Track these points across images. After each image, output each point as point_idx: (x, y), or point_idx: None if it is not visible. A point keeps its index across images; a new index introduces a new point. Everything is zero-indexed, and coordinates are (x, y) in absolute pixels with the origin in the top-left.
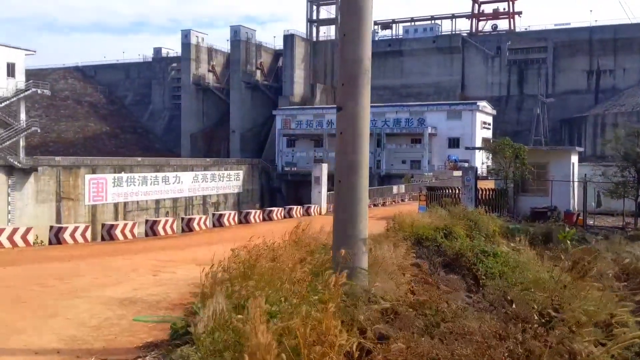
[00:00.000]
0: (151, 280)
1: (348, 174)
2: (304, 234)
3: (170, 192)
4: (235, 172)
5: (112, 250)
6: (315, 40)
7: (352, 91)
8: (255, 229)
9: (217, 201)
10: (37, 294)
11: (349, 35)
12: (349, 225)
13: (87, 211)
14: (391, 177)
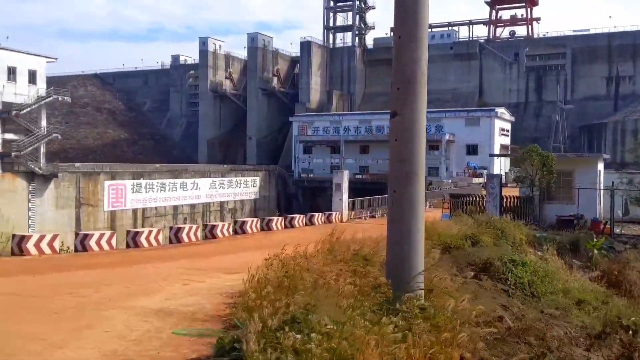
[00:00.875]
0: (182, 289)
1: (403, 185)
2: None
3: (188, 198)
4: (252, 179)
5: (138, 258)
6: (331, 47)
7: (408, 96)
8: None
9: (234, 207)
10: (70, 304)
11: (404, 37)
12: (404, 238)
13: (107, 217)
14: None
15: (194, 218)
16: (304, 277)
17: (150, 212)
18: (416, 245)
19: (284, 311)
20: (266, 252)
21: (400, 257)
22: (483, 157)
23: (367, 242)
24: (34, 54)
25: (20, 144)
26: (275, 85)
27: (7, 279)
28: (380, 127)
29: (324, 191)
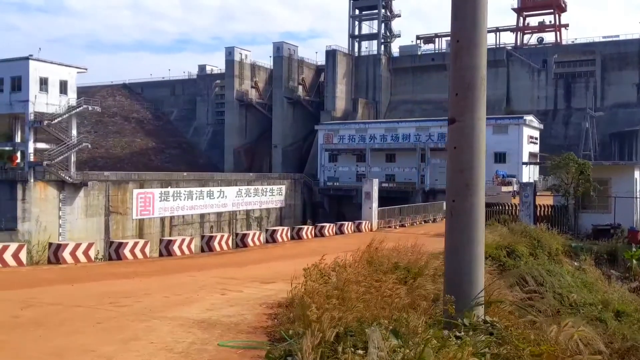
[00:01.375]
0: (221, 299)
1: (463, 195)
2: (376, 252)
3: (214, 206)
4: (277, 187)
5: (173, 267)
6: (357, 55)
7: (467, 102)
8: (309, 245)
9: (260, 216)
10: (112, 315)
11: (463, 41)
12: (464, 250)
13: (135, 225)
14: (436, 192)
15: (220, 226)
16: (352, 288)
17: (178, 220)
18: (477, 258)
19: (335, 324)
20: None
21: (460, 270)
22: (511, 166)
23: (407, 252)
24: (65, 65)
25: (51, 153)
26: (300, 94)
27: (48, 288)
28: (407, 135)
29: (349, 199)
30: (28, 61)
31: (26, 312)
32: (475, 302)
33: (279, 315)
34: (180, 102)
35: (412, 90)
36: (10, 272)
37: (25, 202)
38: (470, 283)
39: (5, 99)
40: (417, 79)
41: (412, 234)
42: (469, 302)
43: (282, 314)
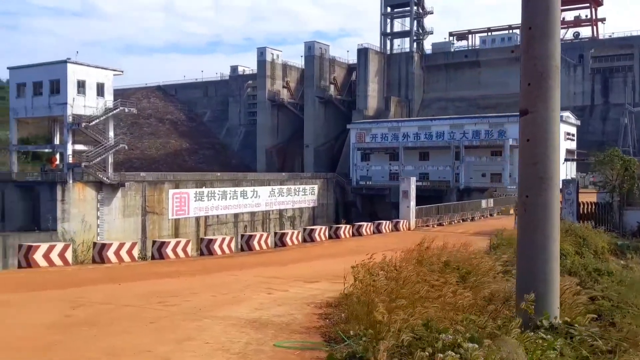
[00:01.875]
0: (268, 298)
1: (537, 190)
2: (428, 251)
3: (248, 206)
4: (310, 187)
5: (215, 266)
6: (389, 53)
7: (541, 92)
8: (347, 244)
9: (293, 215)
10: (162, 314)
11: (535, 29)
12: (539, 248)
13: (171, 225)
14: (470, 190)
15: (254, 226)
16: (413, 288)
17: (212, 220)
18: (552, 256)
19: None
20: (339, 261)
21: (533, 269)
22: None
23: (454, 251)
24: (101, 67)
25: (89, 155)
26: (332, 93)
27: (96, 288)
28: (441, 133)
29: (382, 198)
30: (66, 64)
31: (77, 311)
32: (549, 302)
33: (330, 315)
34: (213, 103)
35: (445, 87)
36: (57, 272)
37: (64, 202)
38: (545, 283)
39: (44, 102)
40: (450, 76)
41: (450, 232)
42: (547, 303)
43: (332, 313)
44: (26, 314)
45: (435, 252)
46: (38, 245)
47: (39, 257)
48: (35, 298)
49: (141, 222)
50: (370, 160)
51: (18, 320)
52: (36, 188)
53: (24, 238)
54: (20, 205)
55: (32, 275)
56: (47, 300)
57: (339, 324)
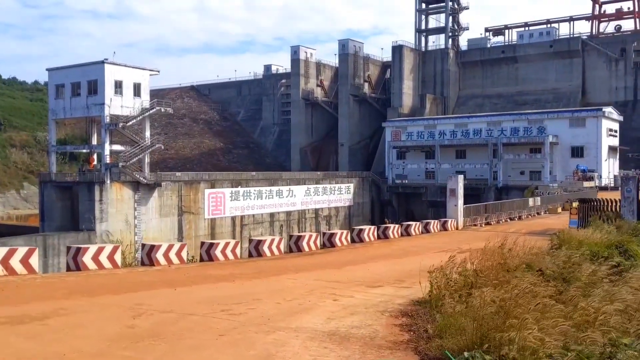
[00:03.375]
0: (337, 306)
1: None
2: (511, 254)
3: (283, 205)
4: (345, 186)
5: (268, 269)
6: (424, 50)
7: None
8: (398, 245)
9: (329, 214)
10: (231, 324)
11: None
12: None
13: (207, 225)
14: (509, 189)
15: (290, 225)
16: (523, 300)
17: (248, 219)
18: None
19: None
20: (395, 263)
21: None
22: (589, 160)
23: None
24: (138, 68)
25: (126, 155)
26: (366, 91)
27: (153, 293)
28: (478, 130)
29: (418, 197)
30: (104, 65)
31: (140, 321)
32: None
33: (413, 327)
34: (247, 102)
35: (482, 84)
36: (108, 275)
37: (102, 202)
38: None
39: (82, 103)
40: (486, 73)
41: (502, 232)
42: None
43: (414, 325)
44: (86, 324)
45: (519, 253)
46: (87, 247)
47: (87, 259)
48: (92, 305)
49: (177, 222)
50: (406, 159)
51: (80, 332)
52: (75, 188)
53: (63, 238)
54: (59, 205)
55: (82, 279)
56: (105, 307)
57: (430, 338)
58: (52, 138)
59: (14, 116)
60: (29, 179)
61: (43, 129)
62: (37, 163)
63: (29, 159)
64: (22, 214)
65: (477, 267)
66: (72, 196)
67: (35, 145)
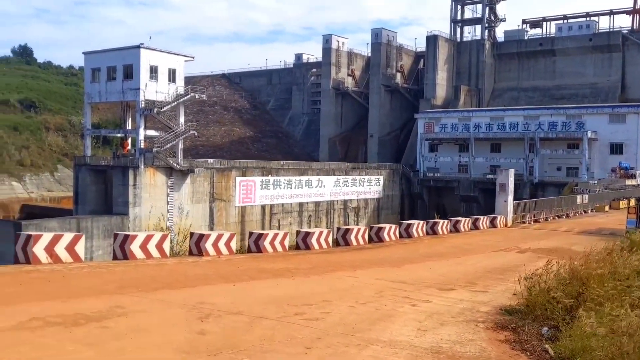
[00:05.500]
0: (418, 313)
1: None
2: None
3: (312, 195)
4: (375, 177)
5: (323, 263)
6: (459, 41)
7: None
8: (449, 242)
9: (358, 206)
10: (313, 334)
11: None
12: None
13: (237, 212)
14: (545, 185)
15: (318, 216)
16: None
17: (277, 208)
18: None
19: None
20: (456, 262)
21: None
22: (629, 157)
23: None
24: (173, 53)
25: (160, 140)
26: (398, 82)
27: (211, 289)
28: (514, 123)
29: (450, 191)
30: (139, 49)
31: (209, 325)
32: None
33: (523, 344)
34: (277, 91)
35: (518, 77)
36: (158, 266)
37: (135, 187)
38: None
39: (118, 87)
40: (523, 65)
41: (553, 231)
42: None
43: (522, 341)
44: (150, 328)
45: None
46: (135, 235)
47: (135, 248)
48: (150, 302)
49: (209, 209)
50: (439, 151)
51: (145, 339)
52: (109, 172)
53: (97, 221)
54: (93, 188)
55: (132, 269)
56: (165, 305)
57: None
58: (88, 122)
59: (49, 99)
60: (63, 161)
61: (77, 112)
62: (71, 146)
63: (64, 142)
64: (56, 196)
65: (582, 274)
66: (106, 180)
67: (69, 129)
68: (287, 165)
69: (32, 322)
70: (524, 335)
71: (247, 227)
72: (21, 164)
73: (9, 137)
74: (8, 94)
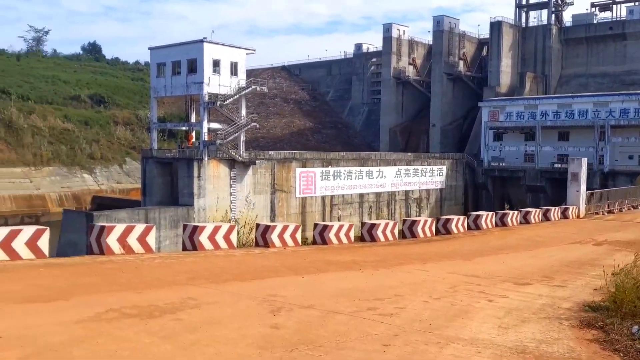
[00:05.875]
0: (496, 309)
1: None
2: None
3: (373, 186)
4: (438, 167)
5: (390, 256)
6: (524, 27)
7: None
8: (519, 234)
9: (420, 197)
10: (389, 330)
11: None
12: None
13: (298, 203)
14: (616, 174)
15: (379, 207)
16: None
17: (338, 199)
18: None
19: None
20: (530, 255)
21: None
22: None
23: None
24: (235, 47)
25: (223, 133)
26: (461, 69)
27: (281, 281)
28: (584, 111)
29: (516, 181)
30: (203, 44)
31: (281, 318)
32: None
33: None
34: (336, 82)
35: (586, 62)
36: (226, 257)
37: (200, 179)
38: None
39: (182, 81)
40: (592, 51)
41: (630, 222)
42: None
43: (615, 342)
44: (223, 320)
45: None
46: (204, 226)
47: (204, 239)
48: (221, 294)
49: (270, 200)
50: (504, 140)
51: (219, 332)
52: (174, 164)
53: (163, 212)
54: (160, 180)
55: (201, 260)
56: (236, 297)
57: None
58: (154, 115)
59: (117, 95)
60: (130, 154)
61: (143, 107)
62: (137, 139)
63: (131, 135)
64: (124, 187)
65: None
66: (172, 172)
67: (136, 123)
68: (347, 156)
69: (109, 313)
70: (614, 334)
71: (307, 218)
72: (92, 157)
73: (81, 132)
74: (79, 89)
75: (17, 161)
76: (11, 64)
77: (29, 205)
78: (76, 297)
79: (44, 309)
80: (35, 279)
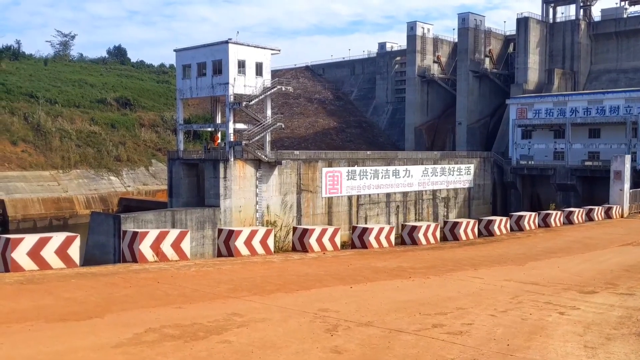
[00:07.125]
0: (572, 324)
1: None
2: None
3: (400, 186)
4: (465, 166)
5: (437, 261)
6: (551, 22)
7: None
8: (564, 235)
9: (447, 196)
10: (465, 354)
11: None
12: None
13: (324, 203)
14: None
15: (406, 206)
16: None
17: (364, 199)
18: None
19: None
20: (583, 258)
21: None
22: None
23: None
24: (260, 47)
25: (249, 133)
26: (487, 67)
27: (329, 292)
28: (615, 107)
29: (545, 179)
30: (228, 45)
31: (341, 339)
32: None
33: None
34: (360, 81)
35: (616, 57)
36: (265, 264)
37: (226, 179)
38: None
39: (208, 82)
40: (622, 46)
41: None
42: None
43: None
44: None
45: None
46: (240, 231)
47: (240, 244)
48: (268, 310)
49: (296, 200)
50: (532, 138)
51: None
52: (200, 165)
53: (190, 213)
54: (186, 181)
55: (239, 268)
56: (285, 313)
57: None
58: (180, 117)
59: (143, 97)
60: (156, 156)
61: (168, 109)
62: (163, 141)
63: (157, 137)
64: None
65: None
66: (198, 173)
67: (162, 125)
68: (373, 155)
69: (149, 334)
70: None
71: (334, 218)
72: (118, 159)
73: (107, 134)
74: (105, 92)
75: (46, 164)
76: (39, 69)
77: (57, 207)
78: (111, 313)
79: (77, 329)
80: (66, 292)
